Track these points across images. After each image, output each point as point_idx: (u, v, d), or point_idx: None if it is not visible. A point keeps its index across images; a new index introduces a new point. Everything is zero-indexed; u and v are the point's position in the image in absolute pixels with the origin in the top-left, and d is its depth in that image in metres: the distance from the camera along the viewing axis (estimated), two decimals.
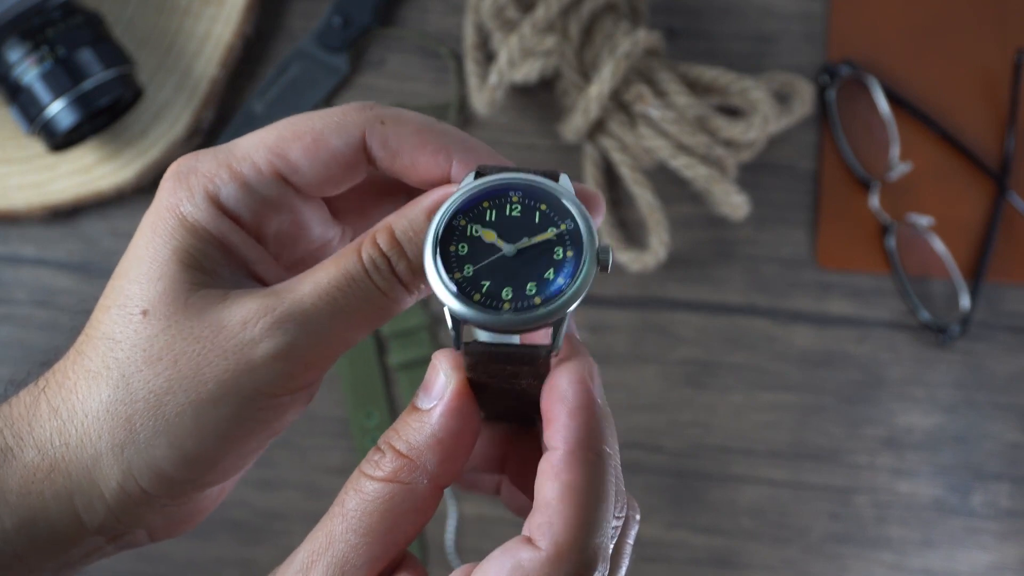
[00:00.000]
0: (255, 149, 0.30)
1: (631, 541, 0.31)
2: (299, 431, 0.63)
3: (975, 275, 0.65)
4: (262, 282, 0.31)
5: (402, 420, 0.29)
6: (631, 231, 0.65)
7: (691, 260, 0.65)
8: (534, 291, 0.28)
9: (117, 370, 0.28)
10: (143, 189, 0.65)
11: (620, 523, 0.30)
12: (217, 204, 0.30)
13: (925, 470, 0.64)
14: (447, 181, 0.32)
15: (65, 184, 0.63)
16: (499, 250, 0.29)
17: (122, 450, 0.28)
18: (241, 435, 0.29)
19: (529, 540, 0.27)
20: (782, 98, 0.64)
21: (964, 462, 0.64)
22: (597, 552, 0.27)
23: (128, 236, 0.70)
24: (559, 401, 0.28)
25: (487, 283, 0.28)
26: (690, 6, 0.67)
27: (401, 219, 0.30)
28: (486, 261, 0.28)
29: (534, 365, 0.28)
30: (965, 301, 0.64)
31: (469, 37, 0.62)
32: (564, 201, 0.29)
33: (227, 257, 0.30)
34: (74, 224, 0.65)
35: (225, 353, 0.28)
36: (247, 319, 0.28)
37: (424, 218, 0.29)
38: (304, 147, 0.30)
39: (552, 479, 0.27)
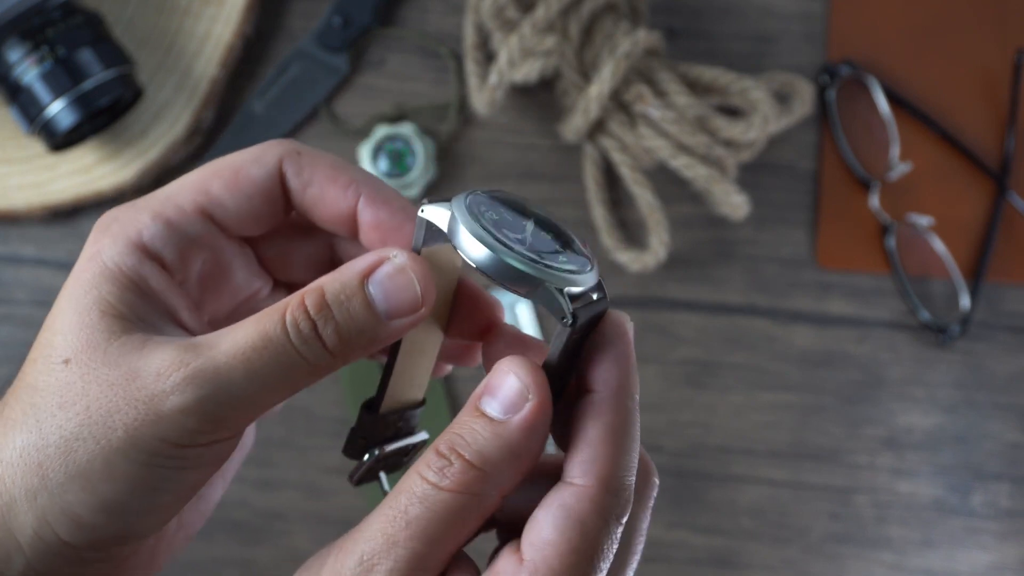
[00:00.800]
0: (178, 191, 0.31)
1: (652, 502, 0.32)
2: (299, 431, 0.63)
3: (975, 275, 0.65)
4: (189, 332, 0.31)
5: (467, 426, 0.28)
6: (631, 231, 0.65)
7: (691, 260, 0.65)
8: (565, 258, 0.30)
9: (32, 416, 0.28)
10: (143, 189, 0.65)
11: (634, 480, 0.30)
12: (140, 248, 0.30)
13: (925, 470, 0.64)
14: (353, 216, 0.32)
15: (65, 184, 0.63)
16: (523, 239, 0.29)
17: (35, 497, 0.28)
18: (155, 484, 0.28)
19: (566, 483, 0.28)
20: (782, 98, 0.64)
21: (964, 462, 0.64)
22: (631, 490, 0.29)
23: None
24: (606, 348, 0.29)
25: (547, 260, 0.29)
26: (690, 6, 0.67)
27: (334, 282, 0.29)
28: (535, 246, 0.29)
29: (600, 318, 0.30)
30: (965, 301, 0.64)
31: (469, 37, 0.62)
32: (503, 202, 0.31)
33: (150, 303, 0.30)
34: (74, 224, 0.65)
35: (136, 402, 0.28)
36: (161, 370, 0.28)
37: (358, 282, 0.29)
38: (225, 181, 0.31)
39: (595, 419, 0.29)
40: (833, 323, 0.65)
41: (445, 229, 0.29)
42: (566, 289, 0.28)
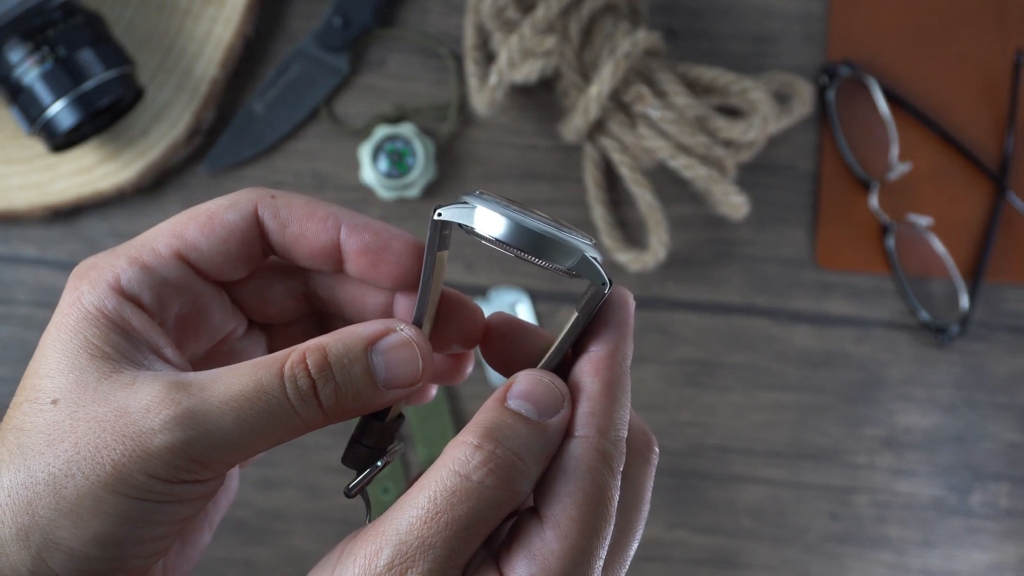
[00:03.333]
0: (154, 237, 0.32)
1: (654, 469, 0.33)
2: None
3: (974, 275, 0.65)
4: (175, 367, 0.31)
5: (503, 422, 0.29)
6: (631, 231, 0.65)
7: (691, 260, 0.65)
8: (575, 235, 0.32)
9: (20, 456, 0.28)
10: (143, 189, 0.65)
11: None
12: (118, 290, 0.30)
13: (924, 470, 0.64)
14: (336, 248, 0.32)
15: (66, 184, 0.64)
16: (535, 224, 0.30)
17: (27, 536, 0.28)
18: (144, 517, 0.28)
19: (568, 437, 0.30)
20: (782, 98, 0.64)
21: (963, 462, 0.64)
22: (624, 443, 0.30)
23: (128, 236, 0.70)
24: (609, 314, 0.31)
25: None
26: (690, 6, 0.67)
27: (338, 344, 0.30)
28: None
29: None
30: (964, 301, 0.64)
31: (469, 37, 0.62)
32: (494, 199, 0.32)
33: (135, 342, 0.30)
34: (75, 224, 0.65)
35: (124, 438, 0.28)
36: (150, 406, 0.28)
37: (362, 348, 0.30)
38: (200, 225, 0.32)
39: (593, 375, 0.30)
40: (833, 323, 0.65)
41: (469, 223, 0.30)
42: (597, 257, 0.30)
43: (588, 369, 0.30)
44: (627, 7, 0.63)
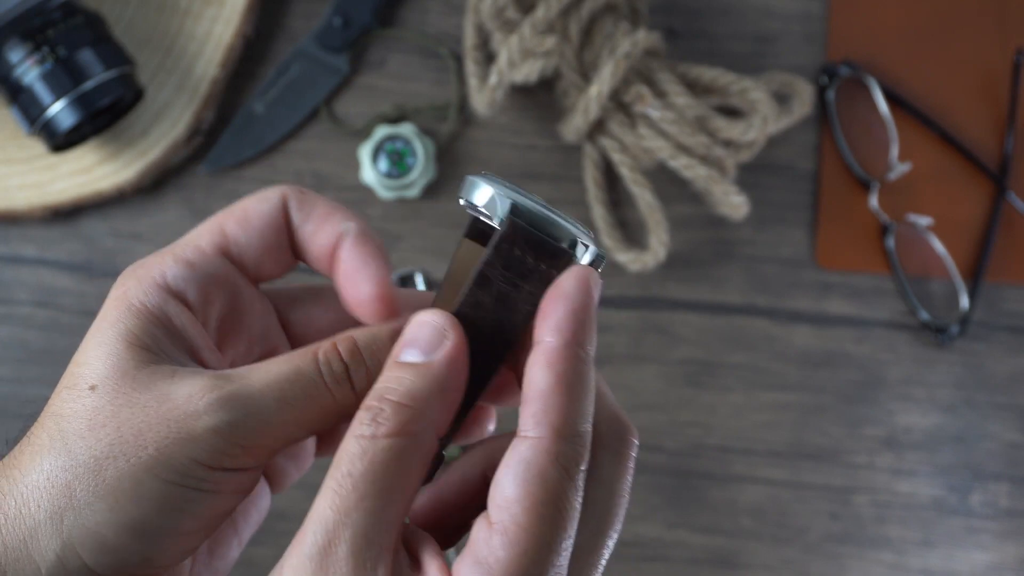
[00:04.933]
0: (196, 235, 0.33)
1: (631, 463, 0.32)
2: None
3: (974, 275, 0.65)
4: (212, 369, 0.32)
5: (391, 378, 0.29)
6: (631, 231, 0.65)
7: (691, 260, 0.65)
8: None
9: (60, 440, 0.29)
10: (144, 189, 0.65)
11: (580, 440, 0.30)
12: (164, 287, 0.31)
13: (924, 470, 0.64)
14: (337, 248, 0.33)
15: (66, 184, 0.64)
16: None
17: (61, 518, 0.28)
18: (181, 505, 0.29)
19: (520, 438, 0.28)
20: (782, 98, 0.64)
21: (963, 462, 0.64)
22: (586, 439, 0.29)
23: (128, 236, 0.70)
24: (562, 298, 0.29)
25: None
26: (690, 6, 0.67)
27: (365, 333, 0.31)
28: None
29: (558, 266, 0.30)
30: (964, 301, 0.64)
31: (469, 37, 0.62)
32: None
33: (174, 339, 0.31)
34: (75, 224, 0.65)
35: (167, 422, 0.28)
36: (192, 393, 0.29)
37: (388, 338, 0.31)
38: (237, 219, 0.33)
39: (545, 368, 0.29)
40: (833, 323, 0.65)
41: (466, 197, 0.32)
42: (575, 226, 0.30)
43: (540, 362, 0.29)
44: (627, 7, 0.63)
